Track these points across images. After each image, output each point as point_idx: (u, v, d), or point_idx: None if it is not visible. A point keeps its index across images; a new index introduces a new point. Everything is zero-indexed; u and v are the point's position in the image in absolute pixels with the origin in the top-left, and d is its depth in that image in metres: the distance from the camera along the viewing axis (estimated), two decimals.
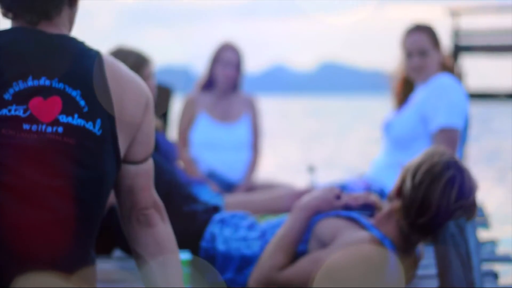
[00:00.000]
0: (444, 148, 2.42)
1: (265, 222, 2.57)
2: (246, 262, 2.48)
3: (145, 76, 3.35)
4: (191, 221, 2.62)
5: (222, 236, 2.56)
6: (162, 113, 3.84)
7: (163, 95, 3.87)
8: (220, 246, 2.55)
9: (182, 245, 2.22)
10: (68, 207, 1.65)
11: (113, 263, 3.03)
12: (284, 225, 2.42)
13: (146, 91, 1.79)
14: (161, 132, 3.56)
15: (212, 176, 4.34)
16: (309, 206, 2.44)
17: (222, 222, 2.61)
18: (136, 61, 3.34)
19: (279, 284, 2.31)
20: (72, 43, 1.73)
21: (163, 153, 3.39)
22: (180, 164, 4.23)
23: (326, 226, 2.41)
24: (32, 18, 1.71)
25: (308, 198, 2.47)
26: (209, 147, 4.39)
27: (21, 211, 1.62)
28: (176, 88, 4.21)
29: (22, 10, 1.72)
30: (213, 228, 2.59)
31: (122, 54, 3.35)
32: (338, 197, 2.52)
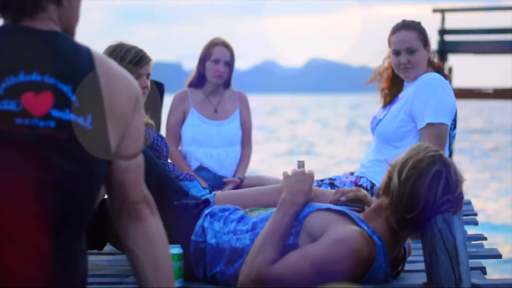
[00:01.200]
0: (429, 144, 2.44)
1: (255, 215, 2.58)
2: (236, 254, 2.49)
3: (142, 74, 3.37)
4: (182, 215, 2.63)
5: (212, 229, 2.57)
6: (155, 109, 3.85)
7: (156, 91, 3.88)
8: (211, 240, 2.56)
9: (173, 239, 2.23)
10: (59, 201, 1.66)
11: (103, 257, 3.04)
12: (272, 219, 2.43)
13: (136, 87, 1.81)
14: (152, 128, 3.57)
15: (203, 172, 4.35)
16: (298, 202, 2.45)
17: (212, 215, 2.62)
18: (135, 57, 3.35)
19: (270, 279, 2.33)
20: (62, 39, 1.74)
21: (154, 149, 3.39)
22: (170, 160, 4.24)
23: (316, 219, 2.42)
24: (13, 15, 1.73)
25: (294, 193, 2.46)
26: (199, 144, 4.40)
27: (12, 204, 1.63)
28: (166, 84, 4.21)
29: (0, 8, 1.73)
30: (203, 222, 2.61)
31: (123, 49, 3.36)
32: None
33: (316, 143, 24.91)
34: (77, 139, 1.68)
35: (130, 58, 3.34)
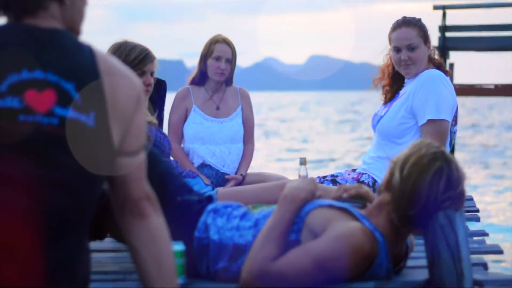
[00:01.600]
0: (431, 140, 2.45)
1: (257, 211, 2.59)
2: (239, 251, 2.50)
3: (146, 71, 3.38)
4: (185, 211, 2.65)
5: (215, 225, 2.58)
6: (158, 106, 3.87)
7: (158, 88, 3.89)
8: (214, 236, 2.57)
9: (176, 235, 2.23)
10: (61, 198, 1.67)
11: (107, 254, 3.05)
12: (273, 216, 2.44)
13: (138, 84, 1.81)
14: (155, 125, 3.57)
15: (205, 169, 4.36)
16: (298, 198, 2.46)
17: (215, 212, 2.63)
18: (140, 55, 3.37)
19: (272, 275, 2.33)
20: (64, 37, 1.75)
21: (157, 146, 3.40)
22: (173, 157, 4.25)
23: (319, 216, 2.43)
24: (15, 14, 1.73)
25: (295, 189, 2.49)
26: (202, 141, 4.40)
27: (15, 201, 1.63)
28: (169, 82, 4.22)
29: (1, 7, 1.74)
30: (206, 217, 2.62)
31: (128, 47, 3.38)
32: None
33: (316, 139, 24.93)
34: (80, 137, 1.68)
35: (135, 55, 3.35)
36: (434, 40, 11.07)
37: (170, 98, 4.35)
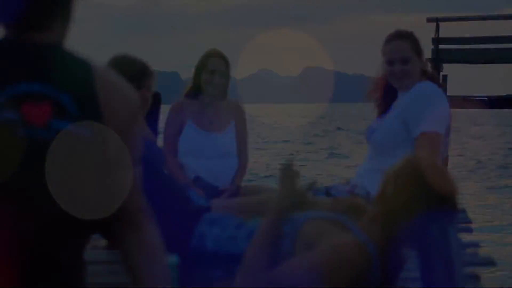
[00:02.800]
0: (424, 153, 2.48)
1: (253, 222, 2.61)
2: (235, 260, 2.52)
3: (143, 86, 3.40)
4: (182, 220, 2.67)
5: (211, 234, 2.61)
6: (152, 118, 3.88)
7: (153, 100, 3.91)
8: (209, 245, 2.59)
9: (172, 243, 2.25)
10: (60, 211, 1.68)
11: (101, 266, 3.05)
12: (262, 227, 2.47)
13: (134, 97, 1.83)
14: (150, 138, 3.58)
15: (197, 183, 4.36)
16: (280, 207, 2.49)
17: (212, 221, 2.65)
18: (139, 69, 3.39)
19: (265, 285, 2.35)
20: (61, 51, 1.76)
21: (152, 159, 3.41)
22: (167, 170, 4.24)
23: (312, 227, 2.45)
24: (12, 29, 1.75)
25: (278, 199, 2.51)
26: (194, 155, 4.40)
27: (14, 215, 1.64)
28: (165, 94, 4.23)
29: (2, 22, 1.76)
30: (202, 227, 2.64)
31: (128, 60, 3.40)
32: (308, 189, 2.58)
33: (315, 153, 24.93)
34: (77, 150, 1.69)
35: (135, 69, 3.38)
36: (428, 52, 11.13)
37: (165, 110, 4.36)
